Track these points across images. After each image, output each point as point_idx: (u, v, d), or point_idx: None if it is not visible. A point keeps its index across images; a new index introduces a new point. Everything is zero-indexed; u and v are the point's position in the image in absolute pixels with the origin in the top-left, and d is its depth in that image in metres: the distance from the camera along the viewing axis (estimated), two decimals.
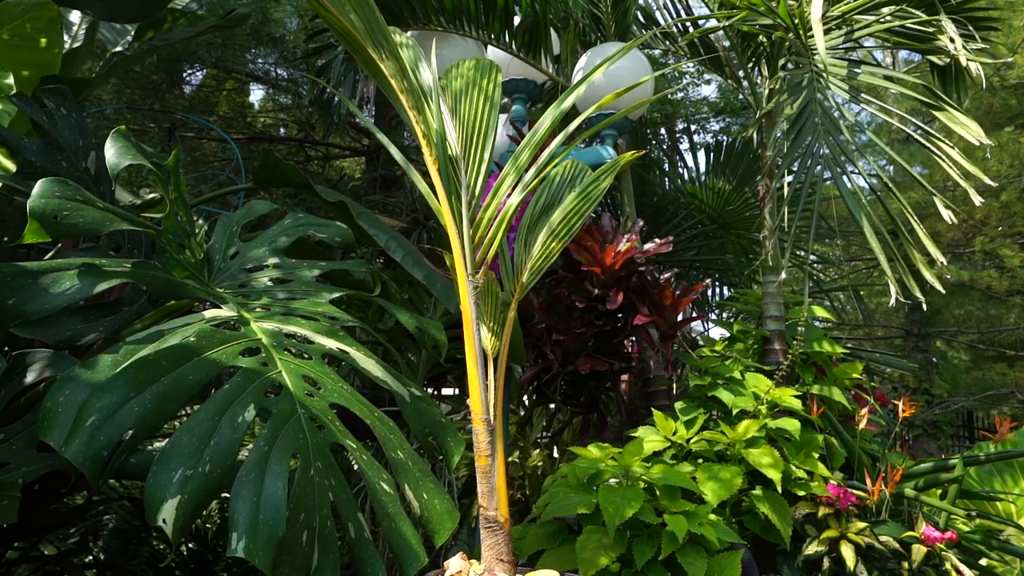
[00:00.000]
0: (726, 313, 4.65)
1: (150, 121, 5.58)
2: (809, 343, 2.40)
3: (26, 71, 1.98)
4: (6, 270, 1.07)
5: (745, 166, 3.98)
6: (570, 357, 2.39)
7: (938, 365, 8.52)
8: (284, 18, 5.82)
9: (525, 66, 3.18)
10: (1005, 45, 7.02)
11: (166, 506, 0.89)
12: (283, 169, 2.05)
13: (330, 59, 3.51)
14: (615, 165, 1.54)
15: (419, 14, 3.05)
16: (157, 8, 2.43)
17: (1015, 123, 7.94)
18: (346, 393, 1.22)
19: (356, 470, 1.14)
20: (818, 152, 2.26)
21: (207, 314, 1.27)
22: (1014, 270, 7.77)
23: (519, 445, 3.10)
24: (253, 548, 0.88)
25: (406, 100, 1.40)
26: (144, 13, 2.45)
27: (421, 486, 1.20)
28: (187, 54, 5.25)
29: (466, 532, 2.67)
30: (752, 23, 2.57)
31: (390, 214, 4.51)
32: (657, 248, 2.41)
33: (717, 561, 1.69)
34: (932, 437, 7.61)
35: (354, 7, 1.29)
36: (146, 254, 1.64)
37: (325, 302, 1.51)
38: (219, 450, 0.96)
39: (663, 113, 5.31)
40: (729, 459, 2.00)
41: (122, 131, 1.46)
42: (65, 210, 1.14)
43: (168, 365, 1.04)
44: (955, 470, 2.25)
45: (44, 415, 0.94)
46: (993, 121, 7.80)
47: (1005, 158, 7.41)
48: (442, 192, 1.40)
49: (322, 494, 1.01)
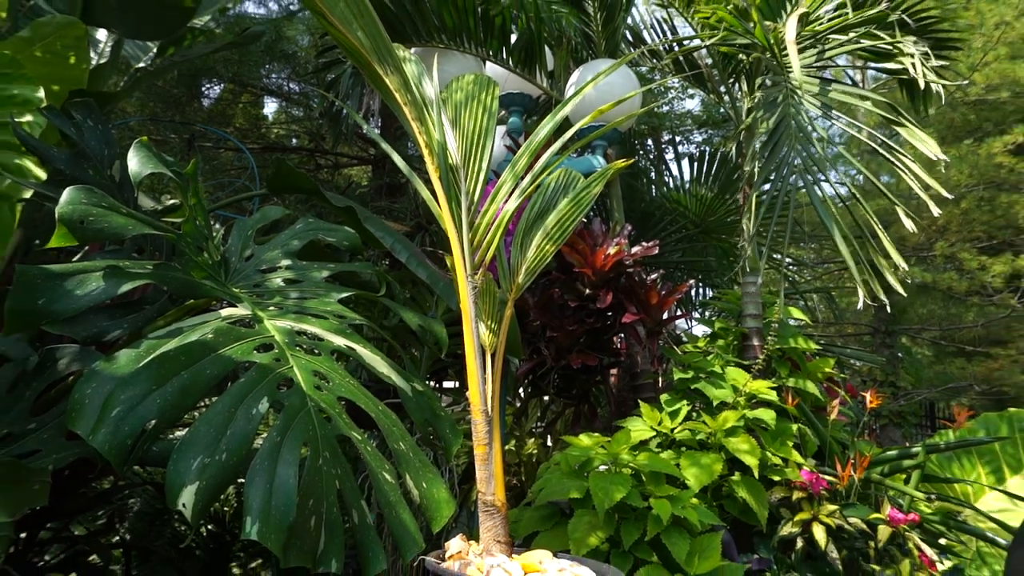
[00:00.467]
0: (708, 312, 4.66)
1: (171, 132, 5.56)
2: (784, 339, 2.40)
3: (56, 85, 1.97)
4: (36, 272, 1.07)
5: (726, 175, 3.99)
6: (563, 352, 2.39)
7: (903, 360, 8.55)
8: (296, 36, 5.80)
9: (521, 81, 3.17)
10: (966, 64, 7.04)
11: (185, 491, 0.89)
12: (295, 177, 2.04)
13: (339, 74, 3.50)
14: (605, 173, 1.54)
15: (422, 32, 3.04)
16: (178, 26, 2.43)
17: (974, 136, 7.97)
18: (353, 387, 1.21)
19: (360, 459, 1.14)
20: (792, 163, 2.26)
21: (224, 312, 1.26)
22: (972, 272, 7.81)
23: (515, 434, 3.10)
24: (266, 532, 0.88)
25: (409, 112, 1.40)
26: (166, 31, 2.45)
27: (421, 476, 1.20)
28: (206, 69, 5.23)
29: (466, 515, 2.66)
30: (731, 43, 2.58)
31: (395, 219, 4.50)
32: (644, 251, 2.41)
33: (699, 541, 1.69)
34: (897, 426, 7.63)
35: (361, 25, 1.28)
36: (167, 256, 1.63)
37: (334, 301, 1.51)
38: (235, 440, 0.96)
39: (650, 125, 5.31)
40: (710, 447, 2.01)
41: (144, 142, 1.45)
42: (91, 216, 1.13)
43: (187, 360, 1.03)
44: (917, 457, 2.26)
45: (72, 406, 0.94)
46: (954, 134, 7.82)
47: (965, 168, 7.43)
48: (443, 198, 1.40)
49: (329, 482, 1.01)
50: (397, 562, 2.39)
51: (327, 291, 1.55)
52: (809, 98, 2.30)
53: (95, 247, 1.70)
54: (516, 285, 1.48)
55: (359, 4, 1.29)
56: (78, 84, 1.99)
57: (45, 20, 1.85)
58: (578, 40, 3.48)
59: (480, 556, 1.30)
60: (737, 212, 2.87)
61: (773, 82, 2.52)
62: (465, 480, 2.79)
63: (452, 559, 1.32)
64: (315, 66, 4.22)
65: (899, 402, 7.55)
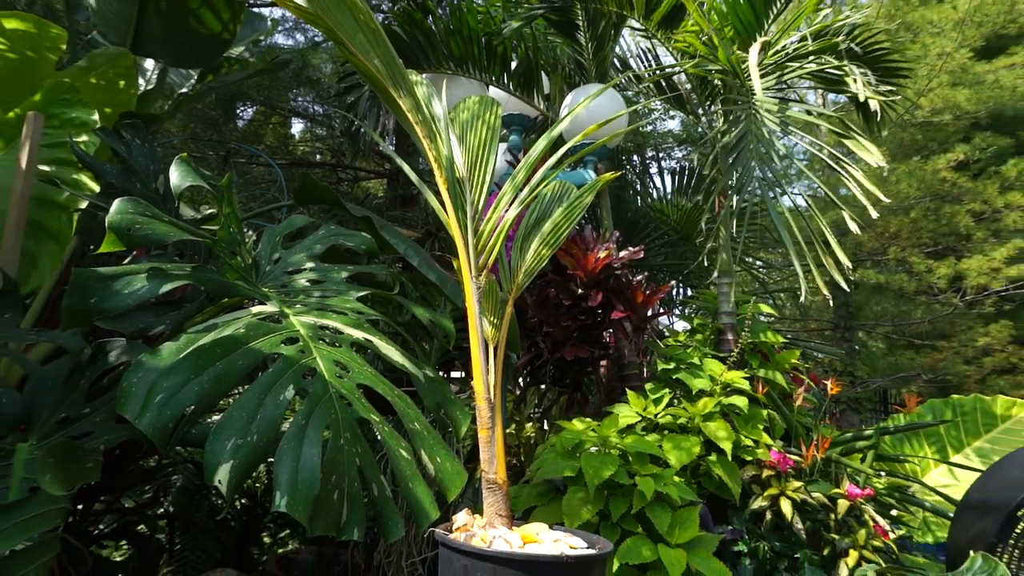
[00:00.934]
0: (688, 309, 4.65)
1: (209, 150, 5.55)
2: (756, 334, 2.40)
3: (108, 108, 1.97)
4: (90, 275, 1.07)
5: (704, 187, 3.98)
6: (558, 346, 2.38)
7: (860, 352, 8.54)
8: (320, 64, 5.80)
9: (520, 103, 3.17)
10: (913, 90, 7.06)
11: (221, 469, 0.88)
12: (318, 189, 2.04)
13: (357, 97, 3.50)
14: (595, 185, 1.53)
15: (432, 59, 3.04)
16: (216, 56, 2.43)
17: (921, 154, 7.99)
18: (371, 375, 1.21)
19: (379, 440, 1.13)
20: (754, 175, 2.27)
21: (254, 309, 1.26)
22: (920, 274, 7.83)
23: (515, 419, 3.09)
24: (293, 505, 0.88)
25: (421, 130, 1.39)
26: (205, 60, 2.45)
27: (435, 452, 1.19)
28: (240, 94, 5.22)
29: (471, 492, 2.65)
30: (704, 67, 2.58)
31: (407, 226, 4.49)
32: (631, 255, 2.40)
33: (679, 515, 1.68)
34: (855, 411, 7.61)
35: (378, 54, 1.28)
36: (204, 259, 1.63)
37: (353, 299, 1.50)
38: (265, 423, 0.95)
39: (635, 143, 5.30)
40: (689, 431, 2.00)
41: (184, 158, 1.44)
42: (137, 224, 1.13)
43: (222, 352, 1.03)
44: (872, 439, 2.25)
45: (121, 393, 0.93)
46: (904, 152, 7.83)
47: (913, 182, 7.43)
48: (451, 208, 1.39)
49: (350, 460, 1.00)
50: (410, 532, 2.38)
51: (347, 290, 1.54)
52: (768, 116, 2.30)
53: (141, 251, 1.69)
54: (516, 285, 1.47)
55: (376, 35, 1.28)
56: (128, 107, 1.99)
57: (100, 52, 1.85)
58: (571, 67, 3.48)
59: (484, 528, 1.30)
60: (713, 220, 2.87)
61: (739, 103, 2.52)
62: (470, 460, 2.78)
63: (459, 531, 1.31)
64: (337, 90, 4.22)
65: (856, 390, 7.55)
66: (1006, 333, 7.75)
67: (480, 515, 1.34)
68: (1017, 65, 7.48)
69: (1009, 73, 7.38)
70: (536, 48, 3.06)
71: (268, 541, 3.12)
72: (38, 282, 1.67)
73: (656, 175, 4.43)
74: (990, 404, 3.15)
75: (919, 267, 7.85)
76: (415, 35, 2.95)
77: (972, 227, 7.80)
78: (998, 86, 7.33)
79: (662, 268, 4.18)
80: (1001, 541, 1.84)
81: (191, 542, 2.63)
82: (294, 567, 2.35)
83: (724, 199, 2.80)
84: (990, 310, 7.81)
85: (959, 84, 7.40)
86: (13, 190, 1.41)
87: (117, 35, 2.30)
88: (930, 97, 7.32)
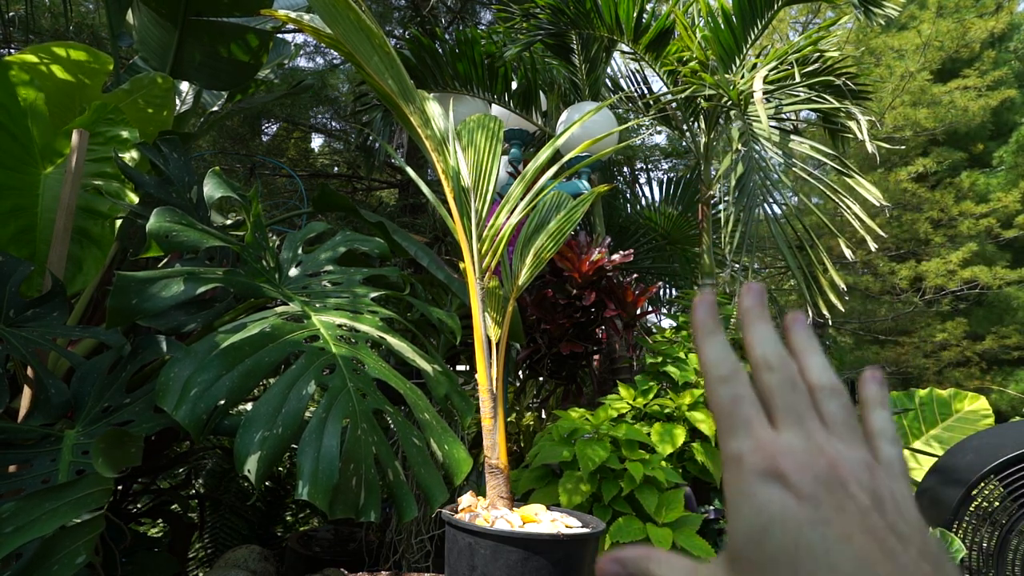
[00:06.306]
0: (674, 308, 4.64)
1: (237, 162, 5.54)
2: (736, 331, 2.39)
3: (149, 127, 1.97)
4: (131, 278, 1.06)
5: (688, 197, 3.98)
6: (555, 341, 2.38)
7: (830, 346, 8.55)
8: (338, 84, 5.79)
9: (520, 119, 3.17)
10: (878, 109, 7.10)
11: (250, 460, 0.88)
12: (335, 198, 2.03)
13: (372, 114, 3.50)
14: (589, 198, 1.53)
15: (439, 80, 3.04)
16: (246, 80, 2.44)
17: (885, 166, 8.02)
18: (385, 370, 1.21)
19: (393, 428, 1.13)
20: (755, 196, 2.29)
21: (279, 309, 1.25)
22: (884, 276, 7.84)
23: (515, 409, 3.09)
24: (314, 492, 0.87)
25: (430, 144, 1.39)
26: (235, 83, 2.46)
27: (443, 439, 1.19)
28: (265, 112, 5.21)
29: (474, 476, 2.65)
30: (699, 94, 2.59)
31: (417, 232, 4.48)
32: (621, 258, 2.40)
33: (666, 496, 1.68)
34: None
35: (391, 75, 1.28)
36: (232, 263, 1.62)
37: (368, 299, 1.50)
38: (289, 416, 0.95)
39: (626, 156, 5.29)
40: (676, 419, 2.00)
41: (217, 171, 1.44)
42: (173, 231, 1.12)
43: (250, 349, 1.03)
44: None
45: (159, 386, 0.93)
46: (870, 164, 7.84)
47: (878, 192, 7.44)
48: (457, 215, 1.39)
49: (367, 449, 1.00)
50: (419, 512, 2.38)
51: (362, 291, 1.54)
52: (769, 144, 2.34)
53: (176, 256, 1.69)
54: (516, 286, 1.47)
55: (390, 58, 1.28)
56: (165, 125, 1.99)
57: (141, 76, 1.85)
58: (567, 86, 3.47)
59: (487, 509, 1.30)
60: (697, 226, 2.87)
61: (740, 131, 2.55)
62: (474, 446, 2.77)
63: (464, 511, 1.31)
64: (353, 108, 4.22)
65: None
66: (960, 329, 7.76)
67: (483, 497, 1.34)
68: (970, 88, 7.51)
69: (963, 95, 7.41)
70: (534, 69, 3.06)
71: (290, 520, 3.12)
72: (82, 284, 1.67)
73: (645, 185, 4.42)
74: (947, 396, 3.16)
75: (883, 269, 7.86)
76: (424, 58, 2.95)
77: (931, 232, 7.82)
78: (953, 106, 7.36)
79: (650, 270, 4.17)
80: (957, 518, 1.84)
81: (220, 520, 2.63)
82: (313, 544, 2.34)
83: (706, 208, 2.80)
84: (947, 308, 7.82)
85: (919, 104, 7.42)
86: (60, 200, 1.40)
87: (157, 61, 2.30)
88: (892, 115, 7.33)
